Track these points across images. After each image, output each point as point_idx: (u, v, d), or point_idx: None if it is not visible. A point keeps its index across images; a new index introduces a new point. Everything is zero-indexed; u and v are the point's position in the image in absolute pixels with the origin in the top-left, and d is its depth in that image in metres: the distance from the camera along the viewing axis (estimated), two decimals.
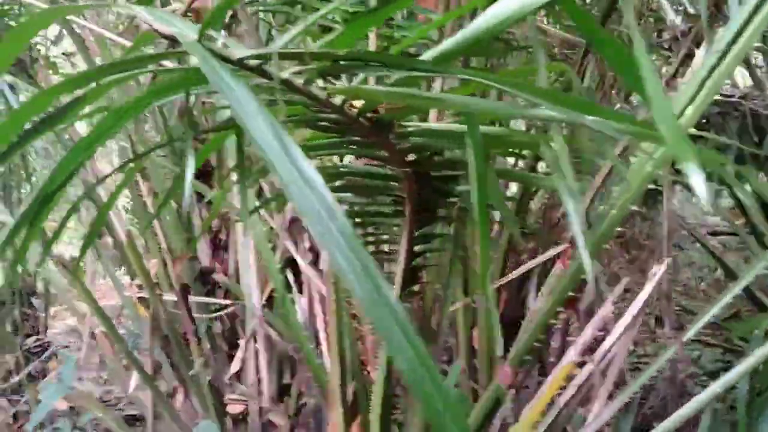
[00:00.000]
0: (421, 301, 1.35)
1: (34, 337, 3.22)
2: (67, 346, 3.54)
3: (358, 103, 0.75)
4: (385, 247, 1.31)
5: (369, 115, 0.75)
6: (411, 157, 0.88)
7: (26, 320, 3.24)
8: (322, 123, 0.85)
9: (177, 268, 2.31)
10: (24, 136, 0.70)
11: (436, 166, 0.92)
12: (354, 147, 0.90)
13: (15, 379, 3.14)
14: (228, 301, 2.45)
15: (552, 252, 2.05)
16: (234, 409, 2.62)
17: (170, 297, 2.47)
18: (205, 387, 2.49)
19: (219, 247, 2.76)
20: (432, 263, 1.33)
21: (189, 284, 2.59)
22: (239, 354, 2.13)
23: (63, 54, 2.84)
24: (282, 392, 2.71)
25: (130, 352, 2.38)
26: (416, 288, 1.26)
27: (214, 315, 2.49)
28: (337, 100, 0.71)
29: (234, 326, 2.55)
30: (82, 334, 2.54)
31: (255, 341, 2.48)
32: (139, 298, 2.63)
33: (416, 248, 1.13)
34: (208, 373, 2.49)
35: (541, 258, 2.08)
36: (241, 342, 2.16)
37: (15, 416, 3.15)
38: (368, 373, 1.31)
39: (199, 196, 2.74)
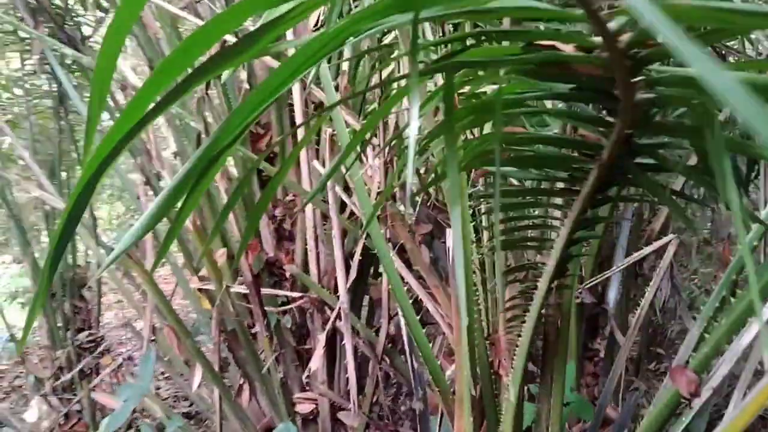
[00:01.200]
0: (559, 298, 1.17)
1: (86, 332, 3.09)
2: (122, 343, 3.40)
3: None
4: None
5: (633, 52, 0.57)
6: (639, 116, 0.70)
7: (77, 313, 3.11)
8: (538, 66, 0.67)
9: (250, 259, 2.15)
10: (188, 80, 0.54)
11: (668, 129, 0.74)
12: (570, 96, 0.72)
13: (66, 376, 3.01)
14: (299, 294, 2.29)
15: (657, 244, 1.87)
16: (303, 408, 2.47)
17: (236, 289, 2.32)
18: (276, 385, 2.33)
19: (283, 236, 2.61)
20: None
21: (263, 275, 2.44)
22: (318, 351, 1.97)
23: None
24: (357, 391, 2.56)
25: (198, 347, 2.23)
26: (566, 281, 1.09)
27: (284, 308, 2.33)
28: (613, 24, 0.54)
29: (304, 320, 2.40)
30: (143, 329, 2.39)
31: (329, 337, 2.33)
32: (199, 290, 2.48)
33: (576, 234, 0.95)
34: (279, 371, 2.34)
35: (645, 250, 1.91)
36: (320, 337, 1.99)
37: (66, 416, 3.03)
38: (496, 376, 1.14)
39: (263, 183, 2.59)
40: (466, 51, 0.65)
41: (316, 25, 2.25)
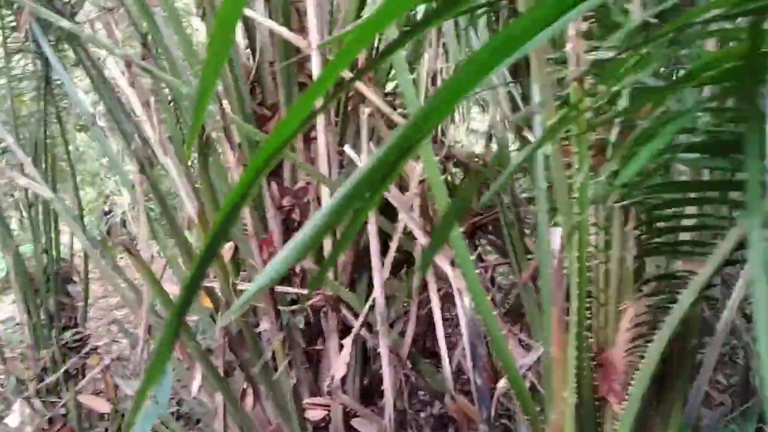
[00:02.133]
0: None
1: (71, 330, 2.86)
2: (116, 341, 3.18)
3: None
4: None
5: None
6: None
7: (62, 310, 2.88)
8: None
9: (264, 253, 1.95)
10: None
11: None
12: None
13: (51, 377, 2.79)
14: (314, 291, 2.10)
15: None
16: (315, 414, 2.28)
17: (244, 287, 2.12)
18: (287, 390, 2.14)
19: (292, 228, 2.41)
20: None
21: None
22: (343, 356, 1.78)
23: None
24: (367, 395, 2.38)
25: (202, 350, 2.03)
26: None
27: (295, 308, 2.13)
28: None
29: (317, 320, 2.21)
30: (138, 328, 2.19)
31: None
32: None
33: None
34: (291, 375, 2.15)
35: None
36: (345, 341, 1.80)
37: (51, 420, 2.81)
38: (602, 403, 0.96)
39: (277, 169, 2.39)
40: None
41: None
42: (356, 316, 2.14)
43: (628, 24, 0.79)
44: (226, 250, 2.06)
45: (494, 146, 2.33)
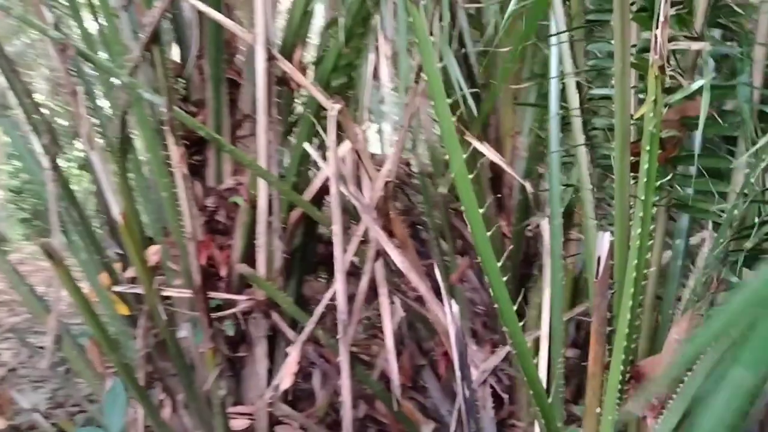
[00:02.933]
0: None
1: None
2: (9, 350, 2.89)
3: None
4: None
5: None
6: None
7: None
8: None
9: (202, 257, 1.84)
10: None
11: None
12: None
13: None
14: (245, 297, 2.01)
15: None
16: (239, 424, 2.19)
17: (171, 293, 2.00)
18: (215, 401, 2.04)
19: (216, 230, 2.29)
20: None
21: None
22: (290, 366, 1.70)
23: None
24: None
25: (126, 363, 1.89)
26: None
27: (222, 314, 2.03)
28: None
29: (247, 325, 2.11)
30: (48, 336, 2.00)
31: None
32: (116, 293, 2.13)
33: None
34: (220, 386, 2.04)
35: None
36: (293, 349, 1.73)
37: None
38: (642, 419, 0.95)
39: (193, 169, 2.26)
40: None
41: None
42: (294, 323, 2.07)
43: None
44: (153, 252, 1.93)
45: None
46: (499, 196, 2.25)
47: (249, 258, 2.23)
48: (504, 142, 2.19)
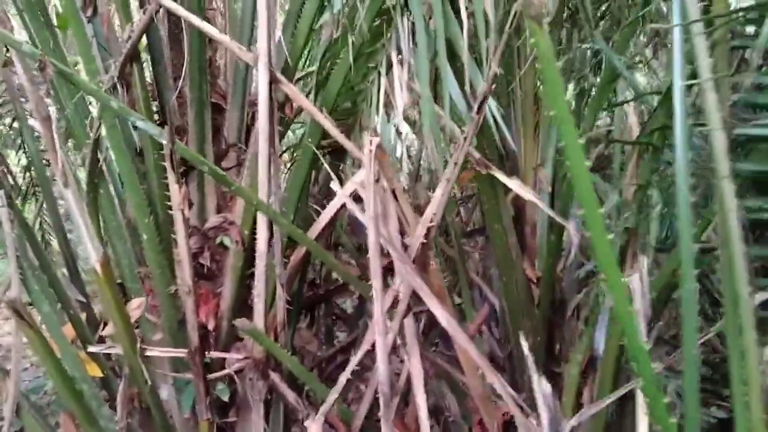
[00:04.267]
0: None
1: None
2: None
3: None
4: None
5: None
6: None
7: None
8: None
9: (202, 313, 1.56)
10: None
11: None
12: None
13: None
14: (241, 356, 1.73)
15: None
16: None
17: (154, 353, 1.70)
18: None
19: (201, 275, 2.00)
20: None
21: (178, 328, 1.83)
22: None
23: None
24: None
25: None
26: None
27: (216, 375, 1.74)
28: None
29: (241, 386, 1.83)
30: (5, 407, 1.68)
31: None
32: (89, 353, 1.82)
33: None
34: None
35: None
36: (312, 424, 1.45)
37: None
38: None
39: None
40: None
41: None
42: (293, 380, 1.80)
43: None
44: (136, 306, 1.64)
45: None
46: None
47: (239, 309, 1.96)
48: (525, 175, 1.99)
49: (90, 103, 2.00)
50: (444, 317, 1.31)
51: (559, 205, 1.82)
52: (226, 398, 1.73)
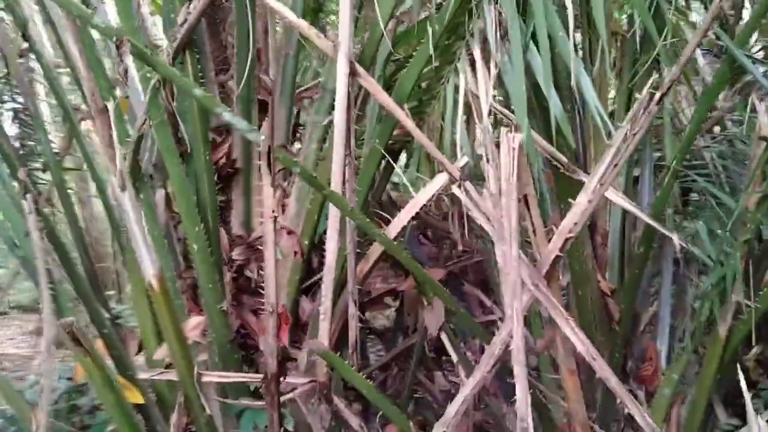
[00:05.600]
0: None
1: None
2: None
3: None
4: None
5: None
6: None
7: None
8: None
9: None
10: None
11: None
12: None
13: None
14: (306, 379, 1.55)
15: None
16: None
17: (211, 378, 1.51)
18: None
19: (245, 289, 1.81)
20: None
21: (230, 348, 1.64)
22: None
23: None
24: None
25: None
26: None
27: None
28: None
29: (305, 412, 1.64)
30: None
31: None
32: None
33: None
34: None
35: None
36: None
37: None
38: None
39: (223, 211, 1.79)
40: None
41: None
42: (365, 406, 1.63)
43: None
44: (194, 325, 1.45)
45: None
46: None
47: (293, 326, 1.78)
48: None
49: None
50: (579, 342, 1.16)
51: (651, 213, 1.68)
52: (291, 427, 1.54)
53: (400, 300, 2.31)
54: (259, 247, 1.83)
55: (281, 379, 1.39)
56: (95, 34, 1.52)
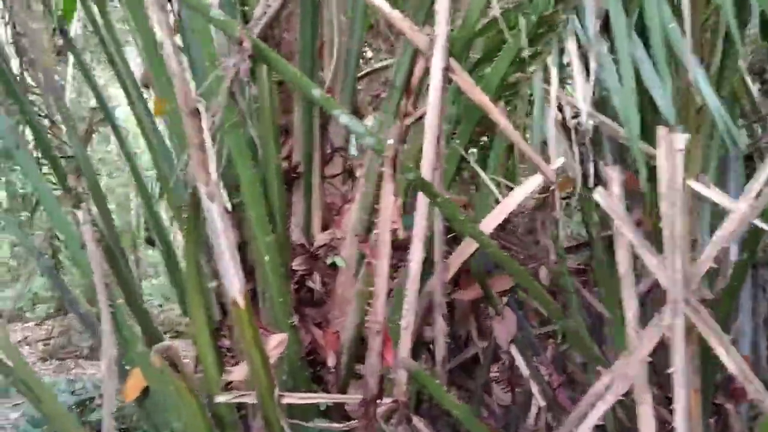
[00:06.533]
0: None
1: None
2: None
3: None
4: None
5: None
6: None
7: None
8: None
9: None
10: None
11: None
12: None
13: None
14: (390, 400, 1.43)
15: None
16: None
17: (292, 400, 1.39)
18: None
19: (308, 302, 1.69)
20: None
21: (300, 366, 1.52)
22: None
23: None
24: None
25: None
26: None
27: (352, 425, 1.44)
28: None
29: None
30: None
31: None
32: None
33: None
34: None
35: None
36: None
37: None
38: None
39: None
40: None
41: None
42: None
43: None
44: (275, 346, 1.33)
45: None
46: None
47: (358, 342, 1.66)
48: None
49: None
50: (733, 362, 1.07)
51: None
52: None
53: (451, 309, 2.21)
54: (321, 256, 1.73)
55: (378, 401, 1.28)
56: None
